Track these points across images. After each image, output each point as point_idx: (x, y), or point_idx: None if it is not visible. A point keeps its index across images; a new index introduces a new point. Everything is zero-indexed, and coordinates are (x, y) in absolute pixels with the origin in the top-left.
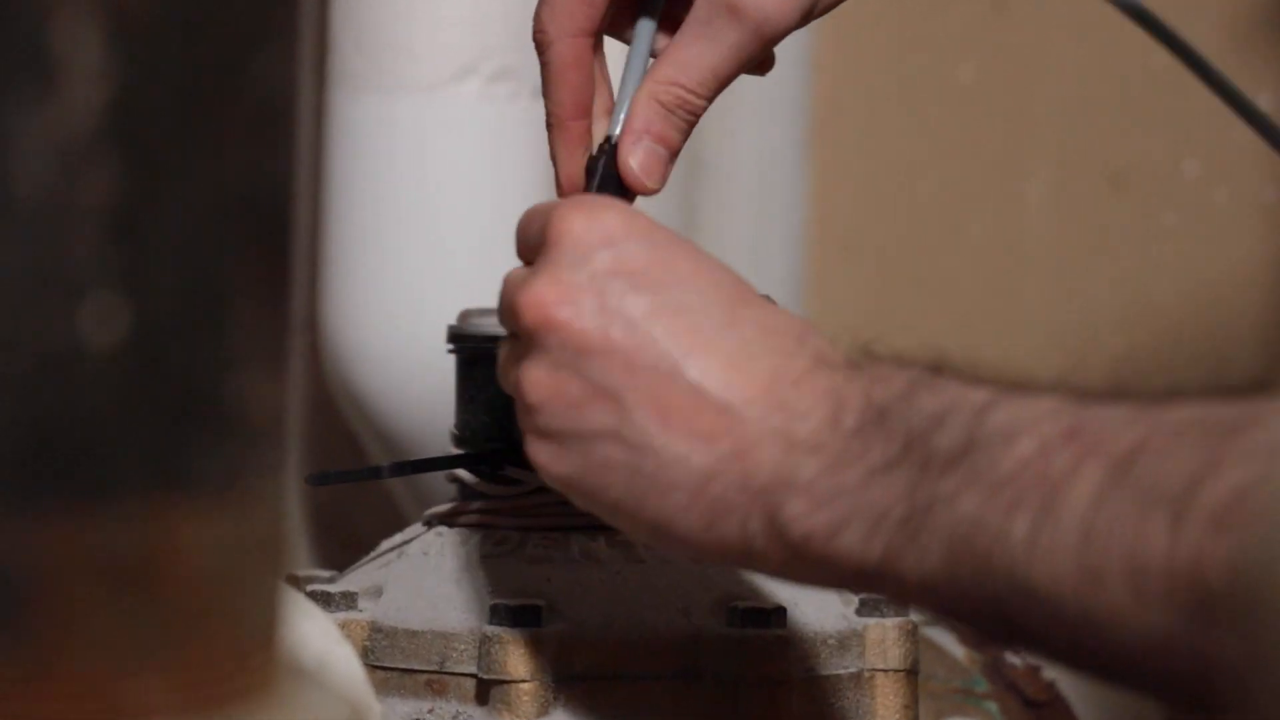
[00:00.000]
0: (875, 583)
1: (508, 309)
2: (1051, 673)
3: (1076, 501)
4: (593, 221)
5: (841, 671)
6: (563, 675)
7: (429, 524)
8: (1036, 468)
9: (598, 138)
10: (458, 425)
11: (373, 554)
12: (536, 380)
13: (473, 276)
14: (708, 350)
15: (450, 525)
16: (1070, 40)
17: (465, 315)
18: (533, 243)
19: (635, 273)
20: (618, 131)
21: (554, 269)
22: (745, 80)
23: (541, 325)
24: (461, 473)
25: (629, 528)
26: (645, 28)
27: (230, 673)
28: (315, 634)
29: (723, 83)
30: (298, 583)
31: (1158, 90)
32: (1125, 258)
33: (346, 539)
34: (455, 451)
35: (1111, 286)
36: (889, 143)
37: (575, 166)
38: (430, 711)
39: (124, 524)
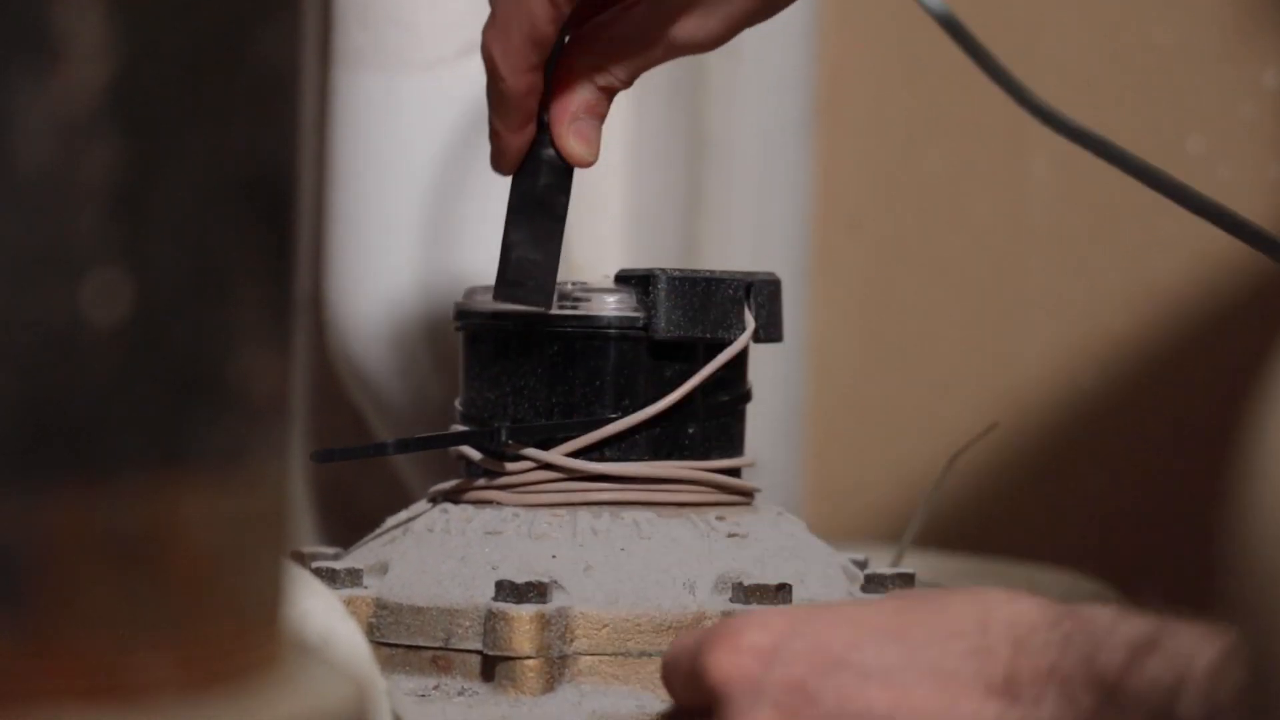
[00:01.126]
0: None
1: None
2: None
3: None
4: (738, 653)
5: None
6: (567, 652)
7: (434, 501)
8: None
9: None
10: (462, 401)
11: (378, 530)
12: None
13: (477, 253)
14: (909, 696)
15: (455, 502)
16: (1073, 16)
17: (470, 292)
18: (692, 689)
19: (805, 676)
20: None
21: (737, 709)
22: (750, 58)
23: None
24: (467, 449)
25: None
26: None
27: (233, 649)
28: (319, 610)
29: (639, 72)
30: (303, 559)
31: (1161, 67)
32: (1129, 234)
33: (351, 515)
34: (460, 428)
35: (1115, 263)
36: (893, 120)
37: (512, 163)
38: (435, 688)
39: (127, 500)
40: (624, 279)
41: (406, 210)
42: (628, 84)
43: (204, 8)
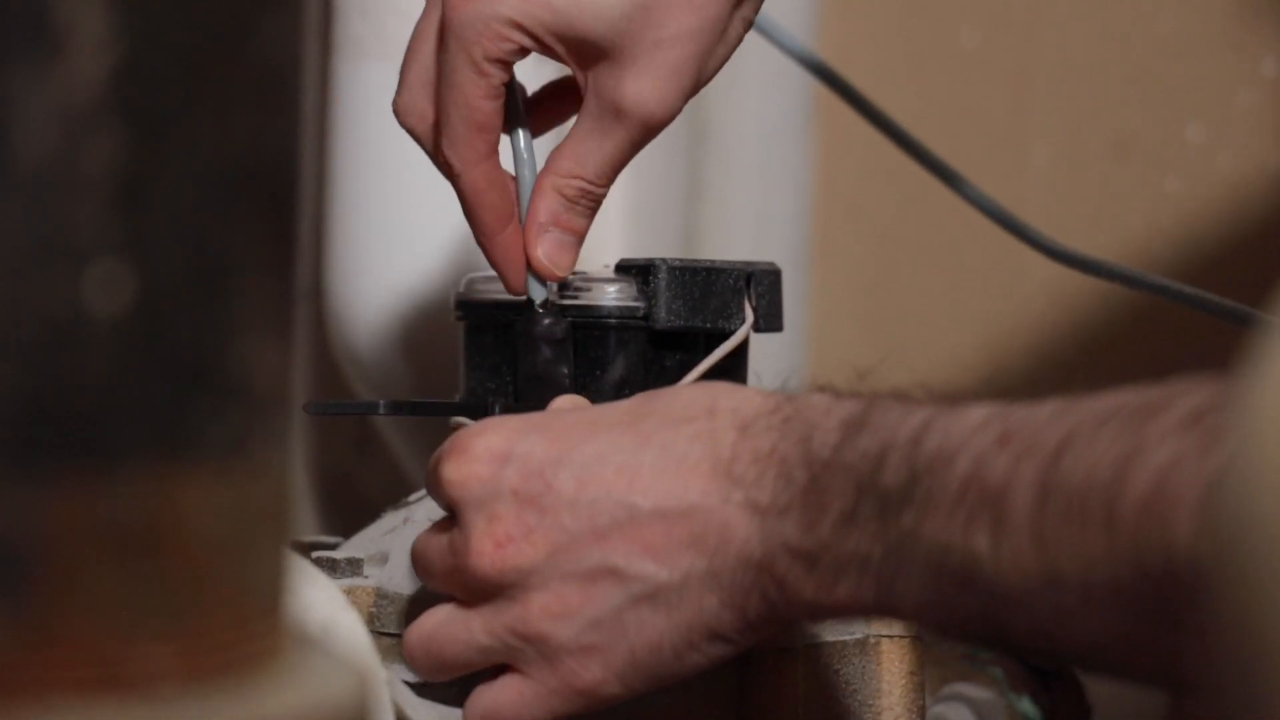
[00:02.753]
0: (881, 616)
1: (458, 581)
2: None
3: (1021, 508)
4: (471, 458)
5: (847, 638)
6: None
7: None
8: (978, 483)
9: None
10: (463, 392)
11: (378, 520)
12: (542, 615)
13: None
14: (641, 477)
15: None
16: (1072, 5)
17: (470, 282)
18: (444, 505)
19: (541, 465)
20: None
21: (475, 518)
22: (750, 48)
23: (505, 565)
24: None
25: (700, 658)
26: (524, 140)
27: (235, 639)
28: (320, 600)
29: (619, 170)
30: (303, 549)
31: (1161, 55)
32: (1128, 224)
33: (352, 505)
34: (460, 419)
35: (1114, 252)
36: (893, 109)
37: (517, 272)
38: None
39: (128, 491)
40: (624, 269)
41: (407, 200)
42: (600, 182)
43: None
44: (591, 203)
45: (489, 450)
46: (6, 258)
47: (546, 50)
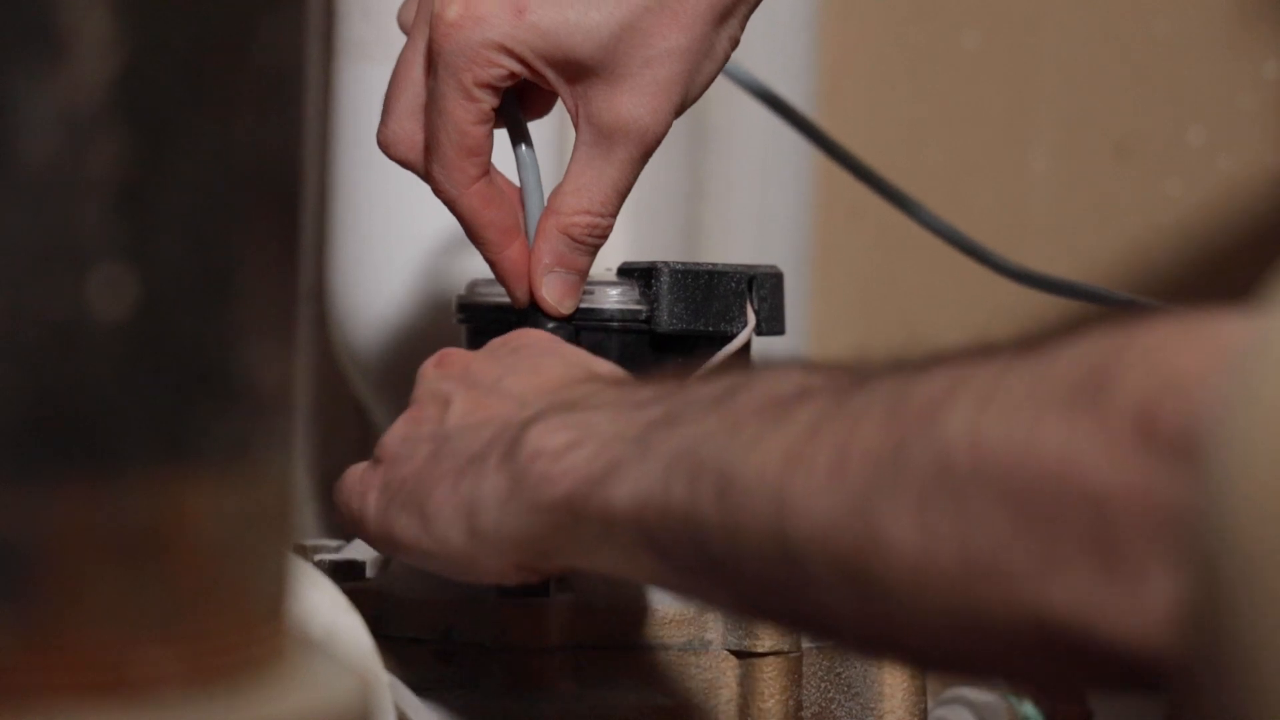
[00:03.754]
0: (583, 515)
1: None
2: None
3: (805, 413)
4: (520, 331)
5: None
6: (570, 645)
7: None
8: (785, 399)
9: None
10: None
11: None
12: (404, 413)
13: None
14: (534, 373)
15: None
16: (1074, 8)
17: (473, 285)
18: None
19: (526, 346)
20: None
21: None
22: (751, 47)
23: (433, 364)
24: None
25: (404, 526)
26: (528, 156)
27: (238, 643)
28: (323, 604)
29: (624, 195)
30: (305, 552)
31: (1162, 58)
32: (1129, 225)
33: None
34: None
35: (1115, 254)
36: (894, 110)
37: (525, 287)
38: (438, 681)
39: (131, 495)
40: (626, 272)
41: (410, 203)
42: (607, 212)
43: (209, 2)
44: (600, 237)
45: (452, 358)
46: (10, 261)
47: (536, 75)
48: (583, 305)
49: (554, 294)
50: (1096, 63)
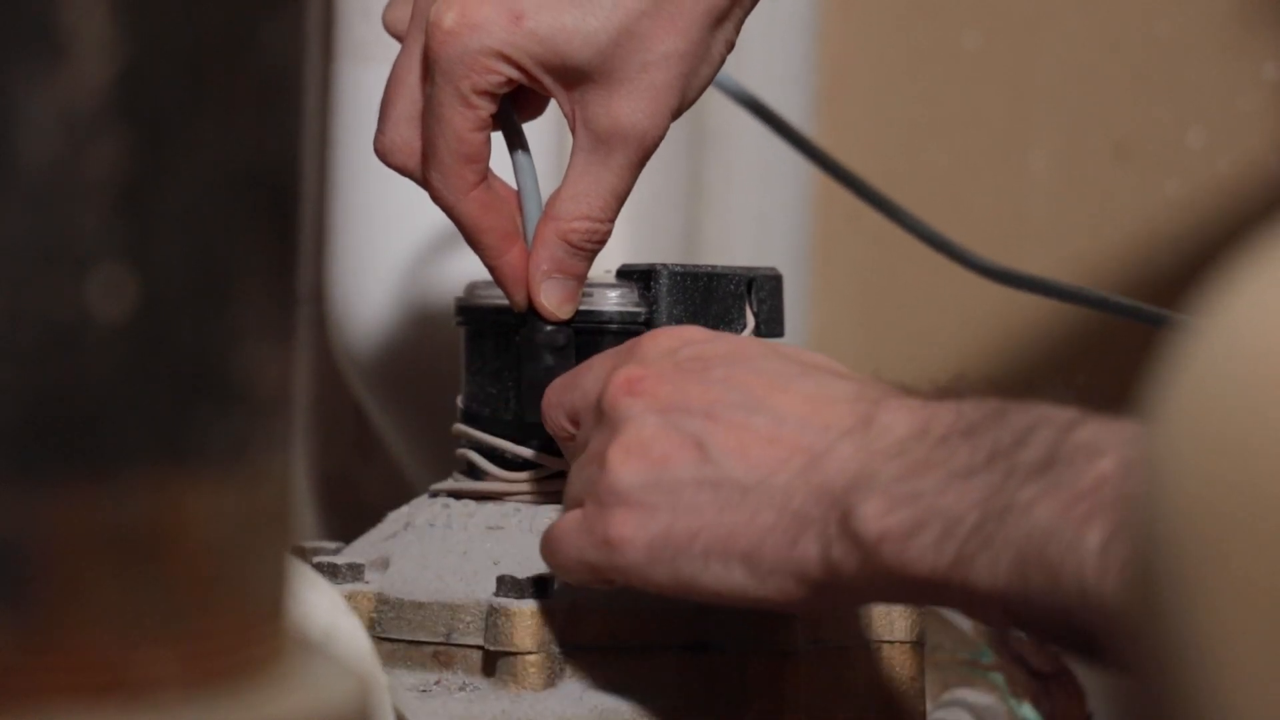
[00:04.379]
0: (946, 592)
1: (585, 407)
2: None
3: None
4: (672, 332)
5: (848, 643)
6: (570, 647)
7: (435, 495)
8: (1116, 485)
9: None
10: (464, 397)
11: (379, 525)
12: (625, 443)
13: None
14: (785, 392)
15: (457, 497)
16: (1074, 8)
17: (472, 287)
18: (611, 361)
19: (712, 356)
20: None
21: (638, 359)
22: (751, 49)
23: (626, 395)
24: (473, 455)
25: (721, 575)
26: (525, 161)
27: (237, 645)
28: (322, 606)
29: (623, 200)
30: (304, 554)
31: (1162, 59)
32: (1128, 227)
33: (353, 511)
34: (462, 426)
35: (1115, 256)
36: (894, 111)
37: (525, 291)
38: (437, 683)
39: (130, 496)
40: (626, 274)
41: (409, 205)
42: (606, 217)
43: (209, 3)
44: (598, 242)
45: (683, 334)
46: (10, 262)
47: (533, 81)
48: (581, 307)
49: (552, 299)
50: (1096, 64)
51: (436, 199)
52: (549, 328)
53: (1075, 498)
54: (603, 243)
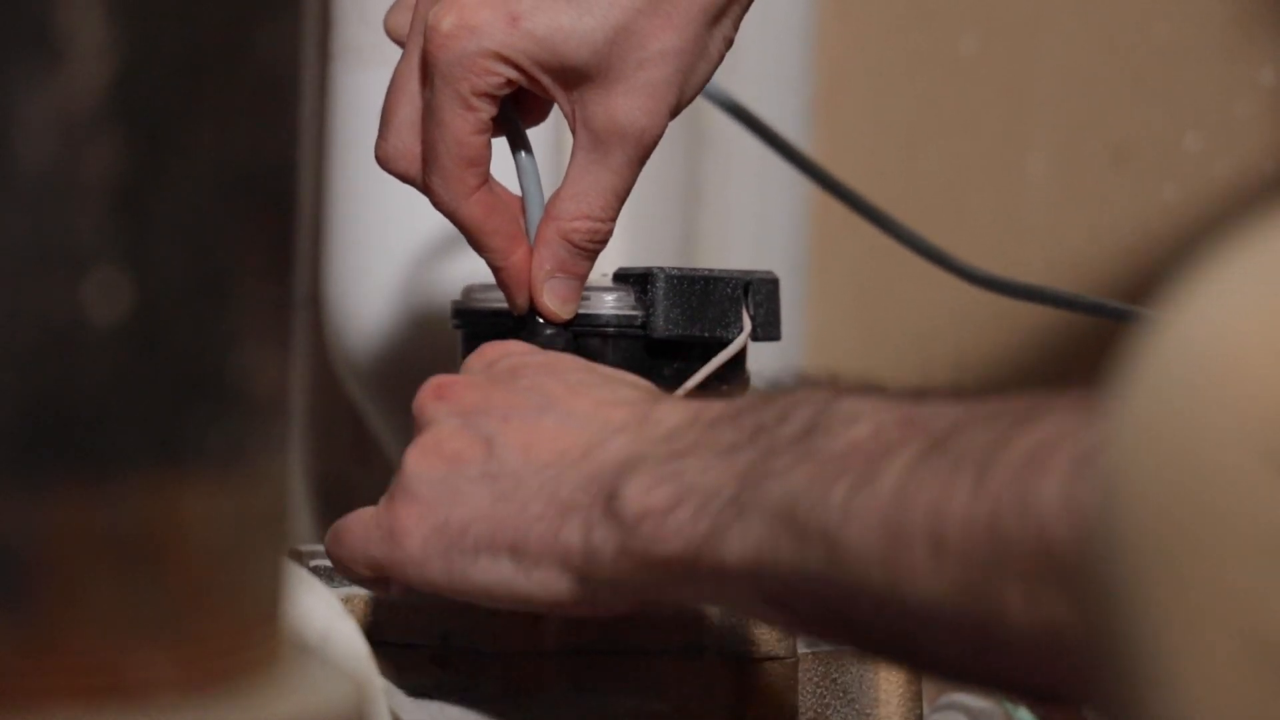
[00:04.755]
0: (698, 572)
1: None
2: None
3: (892, 470)
4: (496, 346)
5: (845, 647)
6: (565, 650)
7: None
8: (866, 447)
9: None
10: None
11: None
12: (422, 444)
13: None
14: (580, 397)
15: None
16: (1071, 13)
17: (469, 290)
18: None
19: (525, 367)
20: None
21: (450, 376)
22: (748, 53)
23: (434, 399)
24: None
25: (489, 569)
26: (528, 163)
27: (233, 648)
28: (318, 609)
29: (623, 199)
30: (301, 557)
31: (1159, 64)
32: (1125, 232)
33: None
34: None
35: (1111, 260)
36: (890, 116)
37: (522, 290)
38: (433, 686)
39: (127, 499)
40: (622, 277)
41: (405, 208)
42: (607, 216)
43: (206, 6)
44: (600, 242)
45: (499, 348)
46: (7, 265)
47: (532, 82)
48: (578, 310)
49: (555, 299)
50: (1094, 68)
51: (438, 204)
52: (549, 331)
53: (827, 462)
54: (604, 242)
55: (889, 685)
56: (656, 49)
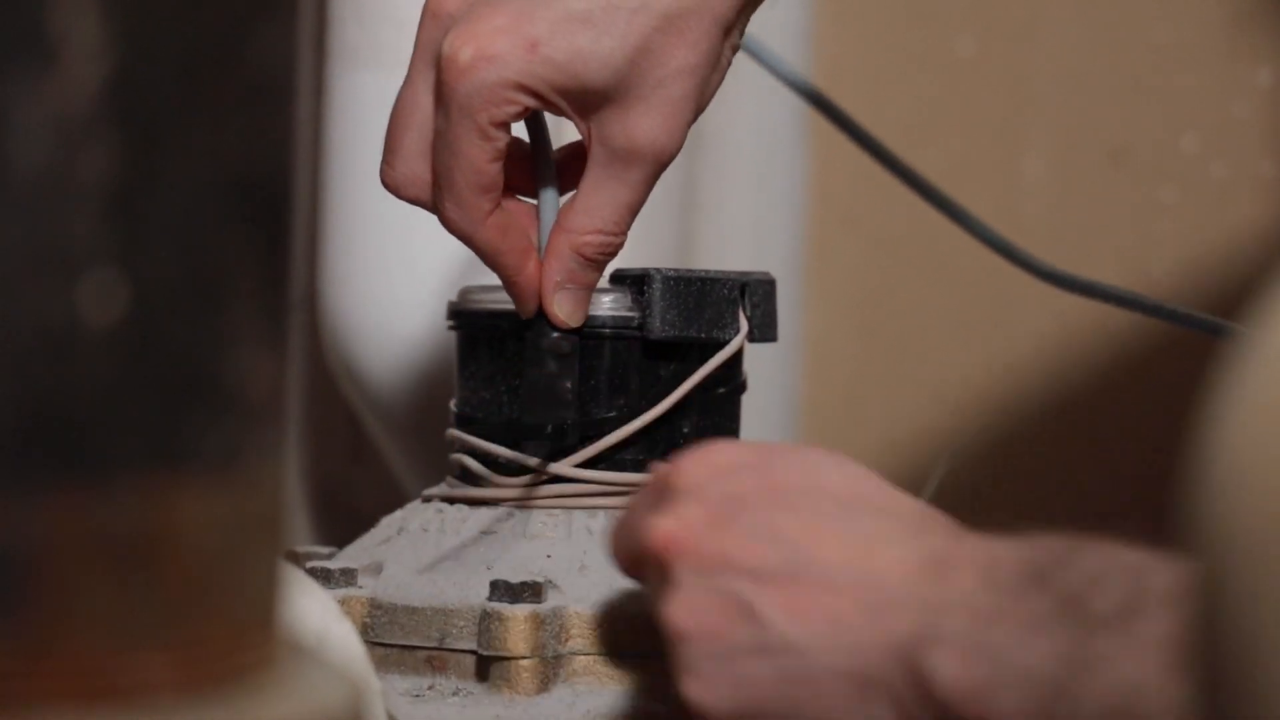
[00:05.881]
0: None
1: (640, 557)
2: None
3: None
4: (702, 459)
5: None
6: (562, 651)
7: (428, 500)
8: (1174, 636)
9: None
10: (458, 402)
11: (372, 530)
12: (677, 612)
13: (471, 253)
14: (831, 543)
15: (450, 502)
16: (1069, 14)
17: (465, 292)
18: (650, 499)
19: (747, 492)
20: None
21: (672, 507)
22: (747, 55)
23: (668, 556)
24: (467, 460)
25: None
26: (550, 198)
27: (229, 650)
28: (315, 611)
29: (635, 214)
30: (297, 559)
31: (1156, 66)
32: (1124, 233)
33: (346, 515)
34: (456, 432)
35: (1110, 262)
36: (888, 117)
37: (536, 304)
38: (430, 688)
39: (123, 502)
40: (619, 279)
41: (401, 210)
42: (619, 230)
43: (201, 8)
44: (611, 254)
45: (712, 462)
46: (1, 268)
47: (549, 106)
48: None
49: (564, 309)
50: (1091, 70)
51: (452, 229)
52: (555, 334)
53: (1158, 647)
54: (615, 254)
55: None
56: (674, 66)
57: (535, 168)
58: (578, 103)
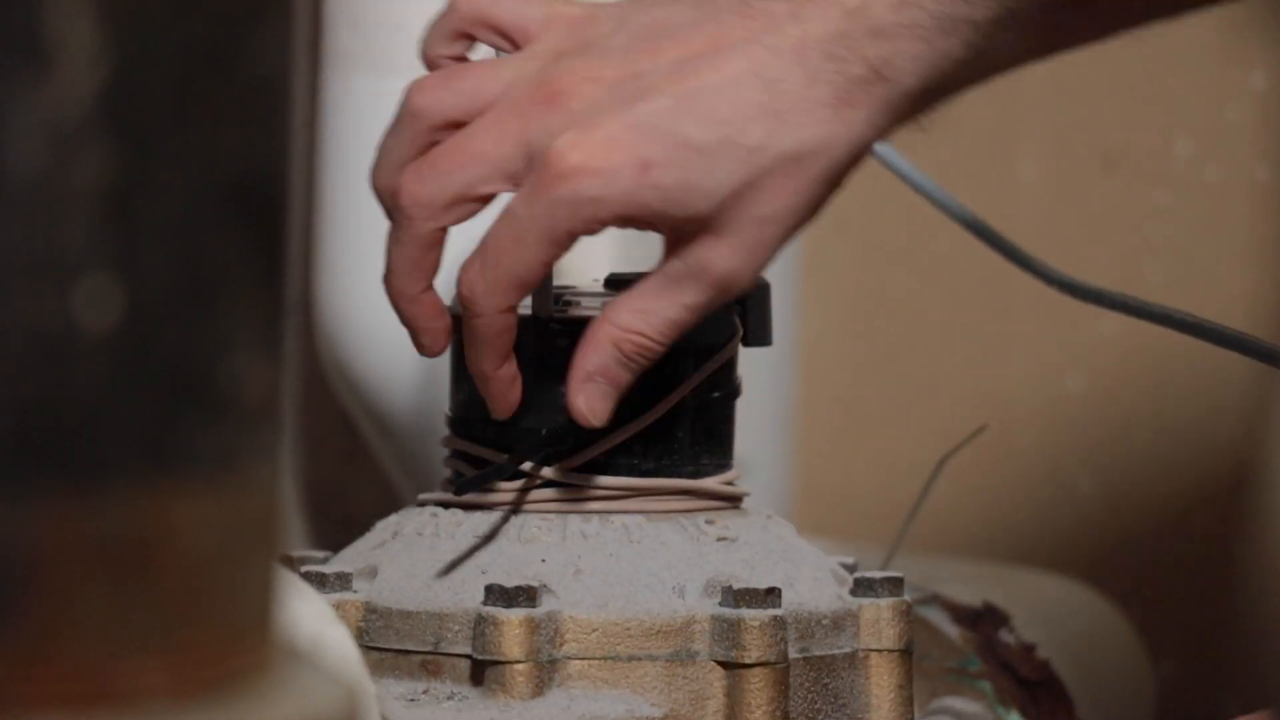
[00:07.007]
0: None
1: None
2: (1045, 652)
3: None
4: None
5: (836, 652)
6: (557, 656)
7: (423, 504)
8: None
9: None
10: (453, 406)
11: (367, 534)
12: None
13: (467, 257)
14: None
15: (445, 506)
16: None
17: None
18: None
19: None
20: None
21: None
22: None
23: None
24: (462, 464)
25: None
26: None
27: (224, 655)
28: (309, 615)
29: (683, 330)
30: (292, 563)
31: (1149, 69)
32: (1117, 237)
33: (341, 519)
34: (450, 434)
35: (1103, 265)
36: None
37: (505, 401)
38: (425, 692)
39: (118, 507)
40: (614, 283)
41: None
42: (662, 340)
43: (196, 11)
44: (647, 361)
45: None
46: None
47: (640, 226)
48: (570, 314)
49: (589, 403)
50: (1084, 73)
51: (465, 294)
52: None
53: None
54: (650, 363)
55: (880, 690)
56: (777, 207)
57: None
58: (670, 226)
